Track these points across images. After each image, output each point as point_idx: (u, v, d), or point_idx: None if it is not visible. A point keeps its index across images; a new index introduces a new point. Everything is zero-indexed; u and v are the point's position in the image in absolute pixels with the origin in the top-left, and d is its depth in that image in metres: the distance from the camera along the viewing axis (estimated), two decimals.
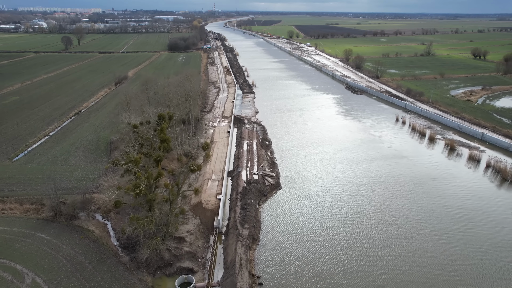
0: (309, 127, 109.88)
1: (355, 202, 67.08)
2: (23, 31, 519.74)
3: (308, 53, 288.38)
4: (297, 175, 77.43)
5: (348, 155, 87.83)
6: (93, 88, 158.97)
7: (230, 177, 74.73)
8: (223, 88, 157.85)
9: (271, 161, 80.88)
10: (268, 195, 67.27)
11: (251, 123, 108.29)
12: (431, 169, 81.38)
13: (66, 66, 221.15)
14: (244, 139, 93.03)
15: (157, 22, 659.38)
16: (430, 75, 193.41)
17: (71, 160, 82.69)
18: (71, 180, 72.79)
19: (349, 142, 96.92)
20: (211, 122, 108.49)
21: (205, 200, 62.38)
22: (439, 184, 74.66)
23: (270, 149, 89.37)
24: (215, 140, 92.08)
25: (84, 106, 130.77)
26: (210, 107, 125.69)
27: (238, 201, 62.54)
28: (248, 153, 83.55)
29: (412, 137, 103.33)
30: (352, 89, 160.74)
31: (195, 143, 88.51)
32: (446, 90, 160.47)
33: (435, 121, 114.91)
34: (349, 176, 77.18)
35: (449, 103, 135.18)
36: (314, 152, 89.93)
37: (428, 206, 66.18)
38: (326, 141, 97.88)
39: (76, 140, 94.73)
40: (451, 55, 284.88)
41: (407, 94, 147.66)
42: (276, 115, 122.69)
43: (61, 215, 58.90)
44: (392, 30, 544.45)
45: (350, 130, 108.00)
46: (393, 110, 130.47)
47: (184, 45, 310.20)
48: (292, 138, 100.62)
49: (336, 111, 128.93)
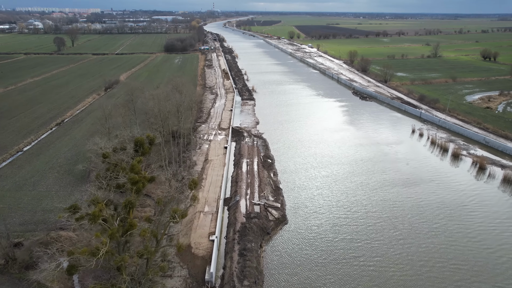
0: (315, 140, 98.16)
1: (375, 242, 55.48)
2: (17, 32, 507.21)
3: (310, 55, 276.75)
4: (305, 204, 65.72)
5: (362, 179, 75.75)
6: (80, 94, 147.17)
7: (227, 207, 63.09)
8: (221, 94, 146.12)
9: (274, 186, 69.18)
10: (273, 233, 55.64)
11: (251, 136, 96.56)
12: (459, 194, 69.84)
13: (56, 69, 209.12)
14: (243, 157, 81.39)
15: (155, 22, 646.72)
16: (441, 79, 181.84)
17: (42, 183, 70.91)
18: (37, 211, 61.16)
19: (361, 161, 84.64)
20: (206, 135, 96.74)
21: (195, 243, 50.72)
22: (473, 214, 63.18)
23: (273, 169, 77.65)
24: (210, 158, 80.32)
25: (68, 115, 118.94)
26: (205, 116, 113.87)
27: (236, 244, 50.93)
28: (248, 176, 71.91)
29: (431, 152, 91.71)
30: (360, 95, 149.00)
31: (187, 162, 76.92)
32: (461, 95, 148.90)
33: (456, 133, 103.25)
34: (365, 207, 65.48)
35: (467, 111, 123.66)
36: (323, 174, 77.93)
37: (463, 245, 54.67)
38: (335, 159, 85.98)
39: (52, 157, 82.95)
40: (459, 56, 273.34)
41: (420, 100, 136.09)
42: (278, 125, 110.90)
43: (14, 264, 47.26)
44: (394, 30, 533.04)
45: (361, 143, 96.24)
46: (407, 119, 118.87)
47: (181, 46, 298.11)
48: (297, 154, 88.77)
49: (344, 120, 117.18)
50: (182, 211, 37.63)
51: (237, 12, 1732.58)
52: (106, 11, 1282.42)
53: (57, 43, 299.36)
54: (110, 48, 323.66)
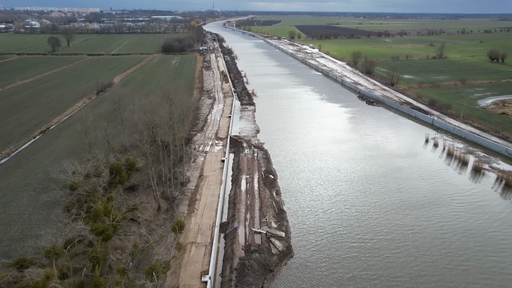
0: (320, 152, 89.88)
1: (393, 280, 47.46)
2: (13, 31, 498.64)
3: (312, 56, 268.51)
4: (312, 231, 57.55)
5: (375, 199, 67.38)
6: (70, 98, 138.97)
7: (224, 234, 54.96)
8: (219, 98, 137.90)
9: (277, 208, 61.04)
10: (276, 270, 47.51)
11: (251, 147, 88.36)
12: (486, 217, 61.79)
13: (48, 71, 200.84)
14: (242, 172, 73.25)
15: (154, 22, 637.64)
16: (450, 82, 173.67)
17: (14, 204, 62.63)
18: (3, 239, 52.95)
19: (373, 177, 75.87)
20: (202, 145, 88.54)
21: (185, 285, 42.61)
22: (504, 242, 55.16)
23: (276, 187, 69.48)
24: (205, 174, 72.14)
25: (55, 121, 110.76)
26: (202, 124, 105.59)
27: (233, 286, 42.80)
28: (247, 196, 63.80)
29: (448, 165, 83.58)
30: (366, 99, 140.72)
31: (179, 178, 68.83)
32: (473, 100, 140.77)
33: (473, 143, 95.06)
34: (381, 234, 57.38)
35: (482, 117, 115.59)
36: (330, 193, 69.30)
37: (500, 284, 46.64)
38: (343, 174, 77.30)
39: (30, 172, 74.68)
40: (465, 57, 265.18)
41: (430, 106, 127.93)
42: (280, 134, 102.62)
43: None
44: (396, 30, 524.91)
45: (371, 155, 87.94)
46: (418, 126, 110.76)
47: (179, 46, 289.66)
48: (300, 168, 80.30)
49: (350, 128, 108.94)
50: (163, 266, 29.67)
51: (237, 12, 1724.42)
52: (105, 11, 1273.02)
53: (52, 43, 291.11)
54: (107, 49, 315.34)
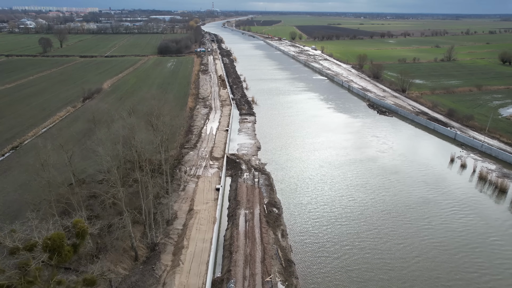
0: (331, 177, 76.84)
1: None
2: (7, 31, 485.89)
3: (315, 58, 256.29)
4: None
5: (399, 241, 55.08)
6: (53, 106, 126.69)
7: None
8: (216, 107, 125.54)
9: (284, 259, 48.72)
10: None
11: (251, 170, 76.00)
12: None
13: (35, 74, 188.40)
14: (240, 206, 60.97)
15: (152, 22, 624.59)
16: (465, 87, 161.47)
17: None
18: None
19: (397, 217, 62.61)
20: (194, 167, 76.17)
21: None
22: None
23: (281, 226, 57.14)
24: (195, 208, 59.86)
25: (30, 135, 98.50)
26: (195, 139, 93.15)
27: None
28: (246, 240, 51.56)
29: (481, 191, 71.47)
30: (378, 109, 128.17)
31: (165, 214, 56.67)
32: (493, 108, 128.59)
33: (507, 164, 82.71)
34: None
35: (509, 130, 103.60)
36: (344, 242, 56.99)
37: None
38: (360, 211, 63.81)
39: None
40: (475, 60, 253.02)
41: (449, 116, 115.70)
42: (284, 153, 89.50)
43: None
44: (399, 31, 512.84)
45: (391, 182, 74.35)
46: (438, 141, 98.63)
47: (175, 48, 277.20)
48: (306, 199, 67.58)
49: (363, 144, 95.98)
50: None
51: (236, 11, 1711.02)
52: (104, 11, 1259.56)
53: (43, 44, 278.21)
54: (101, 50, 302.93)
